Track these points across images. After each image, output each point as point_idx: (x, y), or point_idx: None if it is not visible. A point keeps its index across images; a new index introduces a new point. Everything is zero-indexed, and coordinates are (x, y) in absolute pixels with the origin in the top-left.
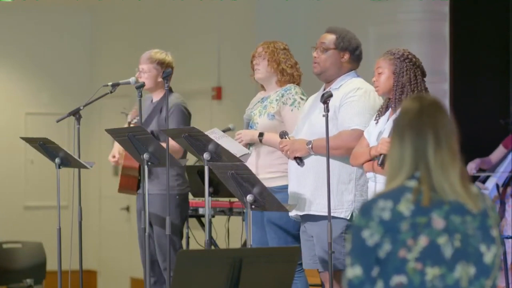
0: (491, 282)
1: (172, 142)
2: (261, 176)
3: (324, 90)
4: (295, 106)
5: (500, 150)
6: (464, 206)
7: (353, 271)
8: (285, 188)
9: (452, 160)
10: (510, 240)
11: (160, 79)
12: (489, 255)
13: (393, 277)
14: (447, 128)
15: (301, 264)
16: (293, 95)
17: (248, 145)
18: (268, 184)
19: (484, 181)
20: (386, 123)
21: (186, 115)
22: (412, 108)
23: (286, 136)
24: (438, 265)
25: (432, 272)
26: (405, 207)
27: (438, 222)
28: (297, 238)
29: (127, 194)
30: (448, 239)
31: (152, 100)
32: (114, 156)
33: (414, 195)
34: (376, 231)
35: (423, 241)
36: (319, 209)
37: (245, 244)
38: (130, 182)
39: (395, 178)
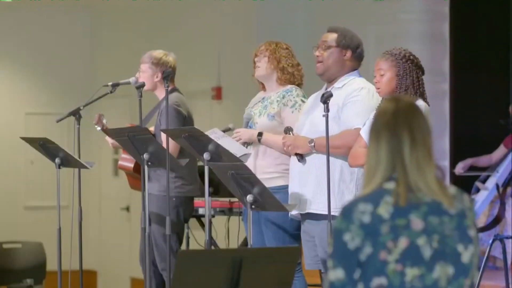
0: (470, 281)
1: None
2: (258, 176)
3: (326, 89)
4: (296, 108)
5: (501, 150)
6: (441, 206)
7: (335, 274)
8: (282, 188)
9: (427, 159)
10: (510, 240)
11: (157, 79)
12: (466, 254)
13: (373, 279)
14: (422, 128)
15: (299, 263)
16: (294, 97)
17: (246, 144)
18: (264, 184)
19: (484, 181)
20: None
21: (176, 116)
22: (387, 109)
23: (290, 132)
24: (417, 266)
25: (411, 273)
26: (385, 210)
27: (417, 223)
28: (295, 238)
29: (139, 191)
30: (427, 239)
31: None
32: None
33: (393, 197)
34: (357, 235)
35: (403, 242)
36: (320, 207)
37: (243, 243)
38: (137, 182)
39: (372, 178)
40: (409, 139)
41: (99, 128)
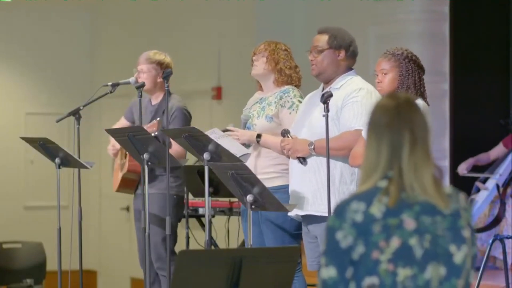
0: (463, 282)
1: (176, 147)
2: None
3: (323, 90)
4: (293, 110)
5: (500, 148)
6: (435, 206)
7: (328, 272)
8: (280, 188)
9: (426, 160)
10: (510, 240)
11: (159, 80)
12: (459, 255)
13: (365, 278)
14: (423, 127)
15: (299, 263)
16: (291, 98)
17: (245, 145)
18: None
19: (484, 181)
20: None
21: (188, 119)
22: (388, 107)
23: (288, 135)
24: (409, 266)
25: (403, 273)
26: (377, 209)
27: (409, 223)
28: (294, 237)
29: (124, 193)
30: (419, 240)
31: (151, 102)
32: (113, 146)
33: (383, 195)
34: (349, 233)
35: (395, 242)
36: (320, 209)
37: (242, 244)
38: (130, 183)
39: (370, 177)
40: (410, 139)
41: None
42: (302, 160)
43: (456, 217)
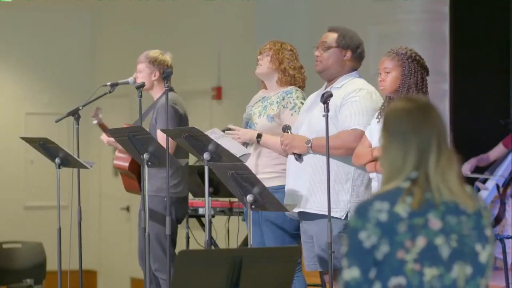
0: (486, 281)
1: (161, 139)
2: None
3: (326, 89)
4: (295, 111)
5: (499, 149)
6: (459, 206)
7: (351, 273)
8: (281, 188)
9: (451, 163)
10: (510, 240)
11: (154, 78)
12: (484, 254)
13: (391, 278)
14: (445, 130)
15: (299, 263)
16: (293, 99)
17: (246, 144)
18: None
19: (484, 181)
20: None
21: (172, 115)
22: (411, 110)
23: (289, 131)
24: (436, 266)
25: (430, 272)
26: (402, 208)
27: (435, 222)
28: (294, 238)
29: (134, 194)
30: (445, 239)
31: (153, 99)
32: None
33: (406, 195)
34: (373, 233)
35: (421, 242)
36: (314, 207)
37: (243, 243)
38: (130, 182)
39: (394, 179)
40: (437, 143)
41: (95, 122)
42: (298, 156)
43: (479, 217)
